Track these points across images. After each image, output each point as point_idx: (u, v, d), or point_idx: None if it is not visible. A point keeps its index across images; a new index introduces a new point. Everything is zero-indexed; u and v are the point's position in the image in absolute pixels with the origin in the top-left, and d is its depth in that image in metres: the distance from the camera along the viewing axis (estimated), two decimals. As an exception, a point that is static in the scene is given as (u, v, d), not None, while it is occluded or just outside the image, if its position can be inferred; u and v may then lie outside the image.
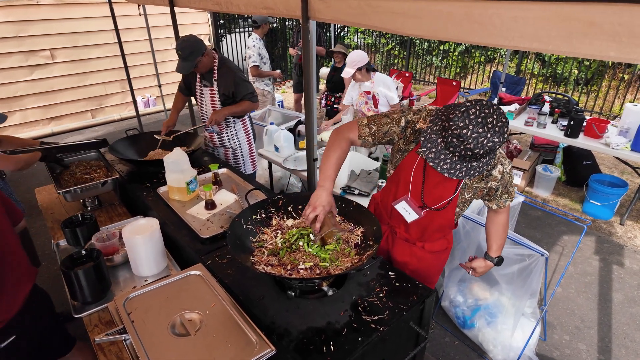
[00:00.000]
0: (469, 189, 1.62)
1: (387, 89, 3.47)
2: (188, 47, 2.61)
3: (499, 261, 1.81)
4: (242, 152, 3.15)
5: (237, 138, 3.09)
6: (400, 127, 1.61)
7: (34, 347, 1.70)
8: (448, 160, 1.35)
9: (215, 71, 2.80)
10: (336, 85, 5.16)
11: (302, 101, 6.06)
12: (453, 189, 1.62)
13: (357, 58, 3.37)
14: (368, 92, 3.53)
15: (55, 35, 6.02)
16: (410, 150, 1.64)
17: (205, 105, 2.95)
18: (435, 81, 7.90)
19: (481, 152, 1.28)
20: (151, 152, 2.82)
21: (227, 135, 3.05)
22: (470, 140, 1.27)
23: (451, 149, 1.32)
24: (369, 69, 3.47)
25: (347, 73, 3.44)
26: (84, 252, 1.73)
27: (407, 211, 1.72)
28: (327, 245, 1.58)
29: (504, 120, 1.28)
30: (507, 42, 1.40)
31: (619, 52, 1.13)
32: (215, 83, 2.82)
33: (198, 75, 2.90)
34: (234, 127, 3.05)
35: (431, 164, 1.37)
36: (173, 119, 3.01)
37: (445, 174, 1.36)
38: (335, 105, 5.06)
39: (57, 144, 2.54)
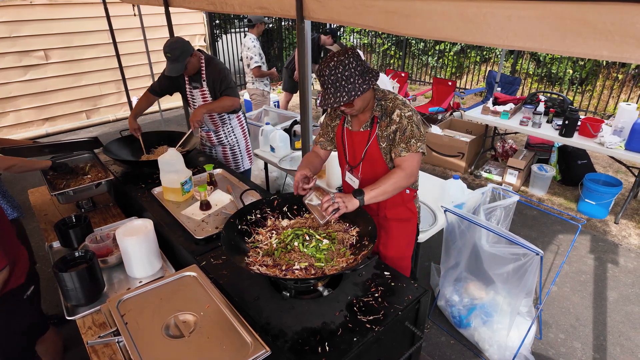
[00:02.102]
0: (382, 138, 1.75)
1: (383, 86, 3.47)
2: (178, 48, 2.57)
3: (358, 192, 1.60)
4: (239, 148, 3.14)
5: (234, 135, 3.08)
6: (328, 113, 1.97)
7: (38, 303, 1.96)
8: (325, 96, 1.62)
9: (203, 71, 2.77)
10: None
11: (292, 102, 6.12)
12: (365, 142, 1.79)
13: None
14: None
15: (50, 35, 5.98)
16: (337, 126, 1.93)
17: (198, 106, 2.93)
18: (431, 81, 7.91)
19: (330, 77, 1.56)
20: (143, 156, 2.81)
21: (224, 133, 3.04)
22: (323, 71, 1.59)
23: (322, 86, 1.62)
24: None
25: None
26: (77, 254, 1.72)
27: (352, 180, 1.92)
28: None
29: (354, 60, 1.56)
30: (501, 42, 1.41)
31: (611, 51, 1.13)
32: (204, 83, 2.80)
33: (186, 79, 2.86)
34: (230, 123, 3.04)
35: (321, 106, 1.64)
36: (134, 123, 2.86)
37: (323, 107, 1.64)
38: None
39: (48, 143, 2.53)
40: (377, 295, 1.50)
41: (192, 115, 2.73)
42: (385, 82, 3.50)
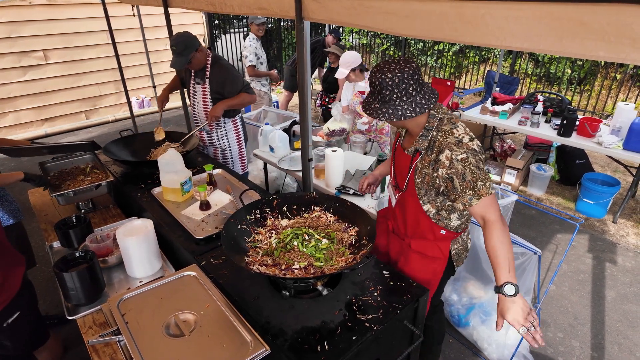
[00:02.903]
0: (419, 172, 1.57)
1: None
2: (182, 42, 2.62)
3: (507, 288, 1.31)
4: (231, 152, 3.15)
5: (227, 138, 3.09)
6: None
7: (31, 328, 1.86)
8: (369, 103, 1.52)
9: (208, 68, 2.81)
10: (331, 85, 5.16)
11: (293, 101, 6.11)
12: (407, 169, 1.63)
13: (350, 59, 3.38)
14: (362, 92, 3.54)
15: (49, 36, 5.98)
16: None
17: (197, 103, 2.95)
18: (430, 81, 7.92)
19: (377, 85, 1.44)
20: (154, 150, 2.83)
21: (217, 135, 3.05)
22: (372, 76, 1.47)
23: (370, 91, 1.52)
24: (362, 69, 3.49)
25: (341, 74, 3.44)
26: (77, 254, 1.72)
27: (392, 195, 1.83)
28: None
29: (417, 71, 1.44)
30: (498, 42, 1.41)
31: (607, 52, 1.14)
32: (207, 80, 2.82)
33: (192, 73, 2.90)
34: (224, 127, 3.05)
35: (379, 118, 1.49)
36: (165, 94, 3.08)
37: (365, 113, 1.52)
38: (329, 106, 5.04)
39: (45, 144, 2.53)
40: (376, 294, 1.51)
41: (212, 110, 2.78)
42: None
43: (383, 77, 1.42)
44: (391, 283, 1.57)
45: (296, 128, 3.56)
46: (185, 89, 3.13)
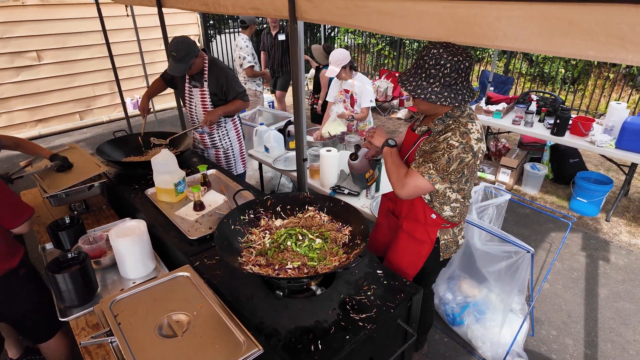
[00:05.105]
0: (420, 150, 1.66)
1: (365, 90, 3.48)
2: (183, 49, 2.56)
3: (387, 144, 1.79)
4: (233, 151, 3.14)
5: (229, 138, 3.08)
6: None
7: (36, 295, 1.89)
8: (405, 73, 1.61)
9: (206, 72, 2.78)
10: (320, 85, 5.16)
11: (285, 99, 6.07)
12: (412, 144, 1.73)
13: (340, 57, 3.39)
14: (347, 91, 3.55)
15: (42, 36, 5.94)
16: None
17: (195, 106, 2.92)
18: (425, 81, 7.91)
19: (425, 62, 1.51)
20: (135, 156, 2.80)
21: (219, 136, 3.04)
22: (425, 51, 1.53)
23: (416, 64, 1.57)
24: (352, 66, 3.50)
25: (331, 72, 3.44)
26: (70, 255, 1.71)
27: None
28: None
29: (457, 70, 1.49)
30: (490, 42, 1.42)
31: (597, 51, 1.15)
32: (205, 84, 2.80)
33: (187, 76, 2.87)
34: (225, 127, 3.04)
35: (399, 82, 1.61)
36: (146, 102, 2.96)
37: (400, 79, 1.61)
38: (314, 106, 5.04)
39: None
40: (369, 293, 1.52)
41: (209, 114, 2.76)
42: (364, 81, 3.50)
43: (427, 58, 1.48)
44: (385, 282, 1.58)
45: (291, 128, 3.56)
46: (178, 90, 3.08)
